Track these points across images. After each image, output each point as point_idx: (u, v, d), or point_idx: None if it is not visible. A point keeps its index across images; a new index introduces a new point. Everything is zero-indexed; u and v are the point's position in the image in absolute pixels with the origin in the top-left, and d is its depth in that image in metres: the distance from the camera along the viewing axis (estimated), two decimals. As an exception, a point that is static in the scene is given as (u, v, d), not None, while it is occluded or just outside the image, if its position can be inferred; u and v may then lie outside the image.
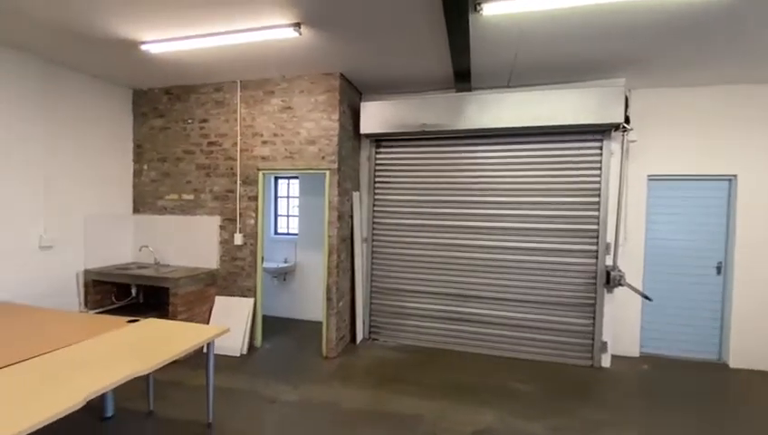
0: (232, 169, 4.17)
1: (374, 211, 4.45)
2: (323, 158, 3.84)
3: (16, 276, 3.44)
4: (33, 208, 3.57)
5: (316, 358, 3.86)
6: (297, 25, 2.72)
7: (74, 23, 2.83)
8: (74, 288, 3.94)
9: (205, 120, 4.25)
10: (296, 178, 5.41)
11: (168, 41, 3.07)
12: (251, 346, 4.07)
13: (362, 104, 4.04)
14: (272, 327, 4.66)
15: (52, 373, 1.87)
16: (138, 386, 2.74)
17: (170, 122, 4.39)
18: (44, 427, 1.49)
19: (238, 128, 4.12)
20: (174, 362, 2.16)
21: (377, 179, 4.44)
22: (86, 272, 3.99)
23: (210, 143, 4.24)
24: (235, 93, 4.12)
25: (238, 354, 3.87)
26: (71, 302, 3.89)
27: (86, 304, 3.99)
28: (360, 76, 3.89)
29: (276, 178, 5.62)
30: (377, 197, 4.45)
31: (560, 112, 3.55)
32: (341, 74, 3.79)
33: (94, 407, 2.54)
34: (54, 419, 1.52)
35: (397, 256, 4.37)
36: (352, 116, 4.16)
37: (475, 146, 4.08)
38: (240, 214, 4.15)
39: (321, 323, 3.97)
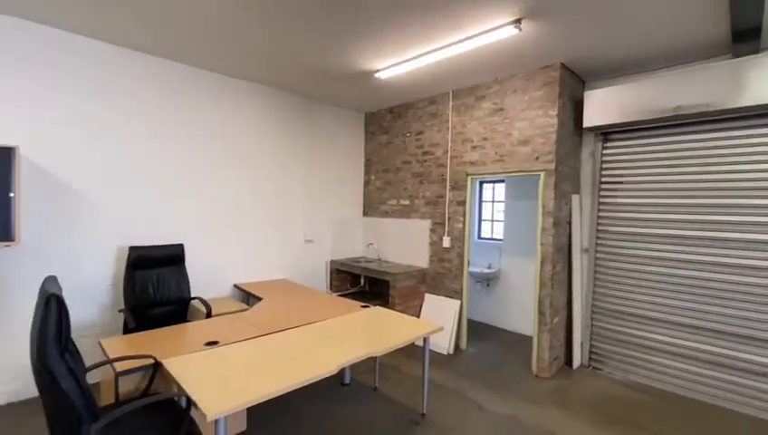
0: (442, 175, 4.39)
1: (599, 217, 3.79)
2: (537, 158, 3.54)
3: (291, 262, 4.64)
4: (301, 212, 4.73)
5: (526, 374, 3.59)
6: (518, 21, 2.58)
7: (333, 66, 3.58)
8: (323, 274, 5.02)
9: (420, 133, 4.65)
10: (502, 181, 5.24)
11: (396, 65, 3.49)
12: (456, 347, 4.16)
13: (587, 93, 3.50)
14: (474, 331, 4.65)
15: (315, 341, 2.38)
16: (366, 364, 3.22)
17: (392, 137, 5.02)
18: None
19: (449, 136, 4.30)
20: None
21: (603, 179, 3.78)
22: (332, 262, 5.01)
23: (424, 153, 4.60)
24: (447, 104, 4.33)
25: (445, 353, 4.02)
26: (321, 284, 4.97)
27: (331, 287, 5.01)
28: (584, 62, 3.39)
29: (481, 183, 5.60)
30: (602, 200, 3.78)
31: None
32: (562, 64, 3.41)
33: (337, 373, 3.11)
34: (318, 379, 1.91)
35: (629, 272, 3.58)
36: (573, 109, 3.68)
37: (762, 128, 2.90)
38: (448, 218, 4.32)
39: (526, 335, 3.71)
